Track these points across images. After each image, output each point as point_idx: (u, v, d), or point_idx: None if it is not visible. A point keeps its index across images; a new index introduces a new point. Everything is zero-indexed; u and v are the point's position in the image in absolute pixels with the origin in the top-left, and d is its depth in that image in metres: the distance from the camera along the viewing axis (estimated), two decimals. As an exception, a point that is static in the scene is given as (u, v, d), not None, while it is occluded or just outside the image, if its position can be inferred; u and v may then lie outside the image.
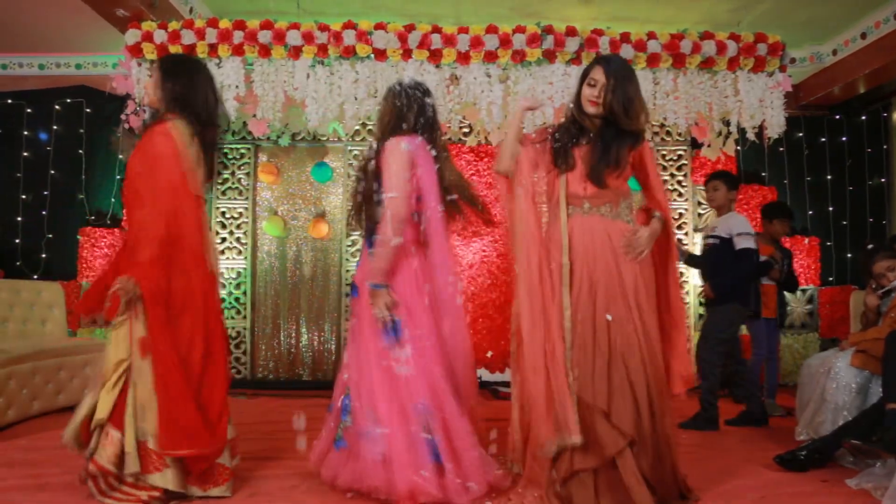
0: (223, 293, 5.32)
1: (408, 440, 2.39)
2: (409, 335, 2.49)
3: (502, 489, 2.52)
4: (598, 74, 2.49)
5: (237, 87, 3.91)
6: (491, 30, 3.90)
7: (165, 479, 2.37)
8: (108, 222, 5.40)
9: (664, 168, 5.56)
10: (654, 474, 2.38)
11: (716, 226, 4.09)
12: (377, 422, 2.43)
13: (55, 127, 5.64)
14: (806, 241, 5.71)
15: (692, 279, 5.54)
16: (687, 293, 5.53)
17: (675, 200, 5.56)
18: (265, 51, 3.89)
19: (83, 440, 2.42)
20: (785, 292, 4.62)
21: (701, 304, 5.48)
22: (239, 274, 5.46)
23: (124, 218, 2.48)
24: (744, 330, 4.50)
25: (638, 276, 2.47)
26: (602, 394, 2.36)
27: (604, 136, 2.51)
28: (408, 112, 2.60)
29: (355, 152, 5.43)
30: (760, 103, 4.04)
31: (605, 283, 2.44)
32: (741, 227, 3.97)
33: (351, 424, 2.53)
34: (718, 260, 4.00)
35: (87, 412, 2.41)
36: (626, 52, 3.90)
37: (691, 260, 4.39)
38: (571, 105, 2.61)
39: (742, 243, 3.94)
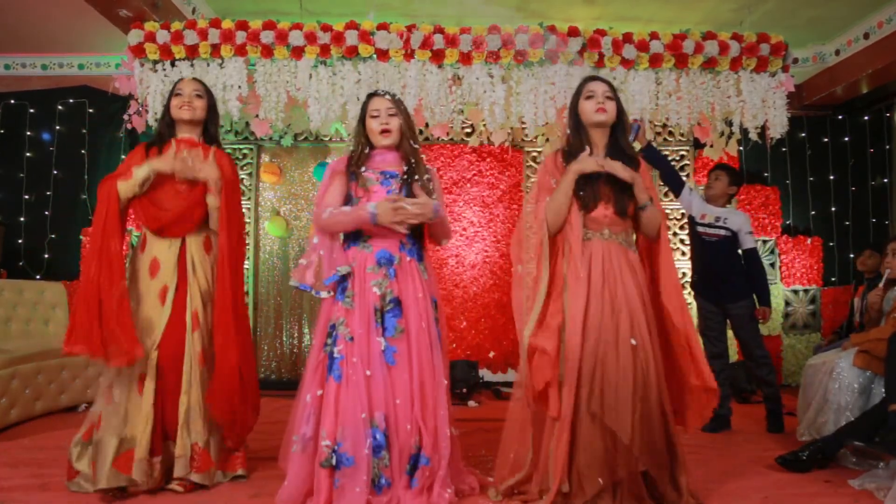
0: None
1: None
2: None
3: None
4: (594, 86, 2.54)
5: (240, 87, 3.91)
6: (493, 30, 3.90)
7: None
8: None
9: (667, 168, 5.56)
10: (663, 490, 2.41)
11: (721, 216, 3.97)
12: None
13: (58, 127, 5.65)
14: (808, 241, 5.71)
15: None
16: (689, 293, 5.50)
17: (675, 200, 5.53)
18: (268, 51, 3.89)
19: None
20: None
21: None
22: (241, 274, 5.46)
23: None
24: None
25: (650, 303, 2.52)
26: (626, 421, 2.33)
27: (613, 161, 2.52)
28: None
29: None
30: (763, 103, 4.02)
31: (628, 308, 2.42)
32: (749, 224, 3.98)
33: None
34: (729, 252, 3.96)
35: None
36: (629, 52, 3.89)
37: (652, 154, 3.93)
38: (569, 132, 2.58)
39: (751, 242, 3.96)
